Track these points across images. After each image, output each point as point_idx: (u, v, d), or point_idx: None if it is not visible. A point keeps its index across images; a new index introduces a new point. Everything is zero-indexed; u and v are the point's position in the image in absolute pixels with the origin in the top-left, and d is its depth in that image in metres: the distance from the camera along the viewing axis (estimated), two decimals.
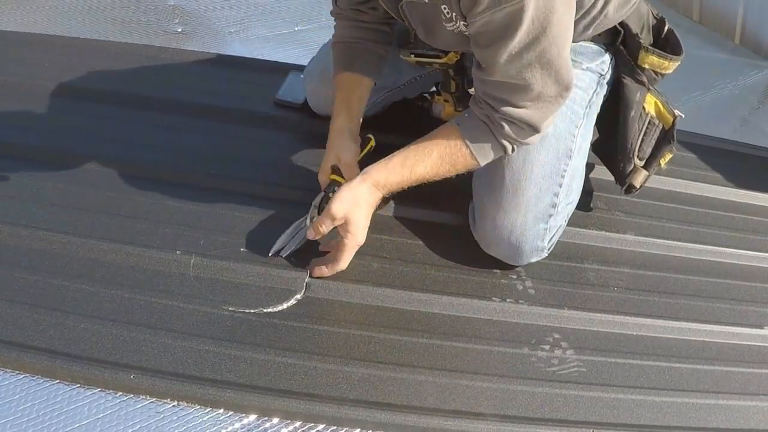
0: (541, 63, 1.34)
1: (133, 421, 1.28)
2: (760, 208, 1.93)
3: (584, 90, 1.61)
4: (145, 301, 1.46)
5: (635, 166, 1.68)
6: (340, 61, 1.66)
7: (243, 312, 1.46)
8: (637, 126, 1.65)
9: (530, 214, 1.55)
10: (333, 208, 1.46)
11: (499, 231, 1.57)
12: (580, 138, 1.60)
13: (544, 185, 1.55)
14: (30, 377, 1.33)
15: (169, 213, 1.65)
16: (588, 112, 1.62)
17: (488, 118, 1.43)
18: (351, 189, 1.48)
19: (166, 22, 2.50)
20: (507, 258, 1.61)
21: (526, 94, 1.39)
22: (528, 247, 1.57)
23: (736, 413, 1.42)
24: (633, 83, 1.63)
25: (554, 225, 1.60)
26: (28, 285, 1.47)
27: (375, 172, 1.48)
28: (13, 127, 1.88)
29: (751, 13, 2.63)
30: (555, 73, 1.36)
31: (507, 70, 1.36)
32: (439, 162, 1.47)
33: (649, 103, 1.66)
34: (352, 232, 1.48)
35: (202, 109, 1.98)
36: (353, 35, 1.65)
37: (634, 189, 1.70)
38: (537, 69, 1.35)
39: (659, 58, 1.61)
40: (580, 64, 1.61)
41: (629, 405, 1.39)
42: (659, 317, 1.57)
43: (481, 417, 1.34)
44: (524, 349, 1.47)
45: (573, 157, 1.58)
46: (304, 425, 1.31)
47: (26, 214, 1.62)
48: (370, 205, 1.50)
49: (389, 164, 1.49)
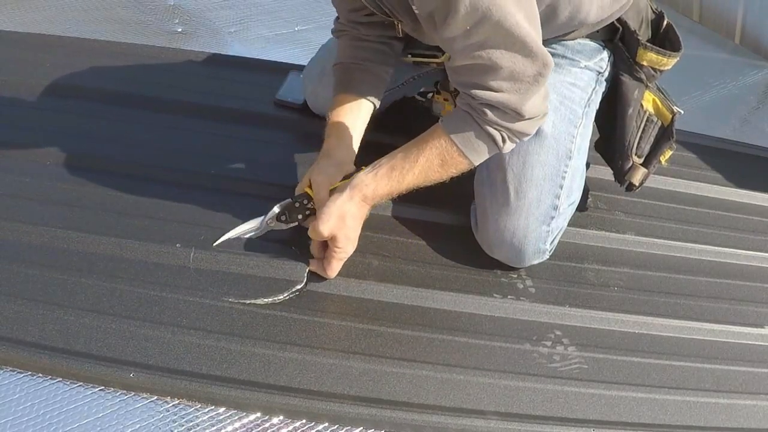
0: (500, 38, 1.27)
1: (132, 421, 1.28)
2: (760, 208, 1.93)
3: (582, 89, 1.61)
4: (144, 294, 1.46)
5: (634, 163, 1.67)
6: (339, 83, 1.63)
7: (243, 303, 1.46)
8: (635, 123, 1.64)
9: (532, 217, 1.55)
10: (319, 228, 1.44)
11: (501, 234, 1.56)
12: (580, 138, 1.60)
13: (545, 187, 1.55)
14: (30, 376, 1.33)
15: (169, 211, 1.65)
16: (587, 111, 1.61)
17: (469, 107, 1.38)
18: (337, 206, 1.44)
19: (166, 22, 2.50)
20: (509, 260, 1.61)
21: (497, 74, 1.31)
22: (530, 249, 1.57)
23: (737, 412, 1.41)
24: (631, 80, 1.62)
25: (556, 227, 1.60)
26: (27, 280, 1.46)
27: (363, 186, 1.45)
28: (12, 127, 1.88)
29: (751, 13, 2.64)
30: (521, 48, 1.28)
31: (467, 48, 1.30)
32: (427, 166, 1.42)
33: (647, 101, 1.64)
34: (340, 247, 1.47)
35: (202, 109, 1.98)
36: (353, 56, 1.63)
37: (633, 187, 1.69)
38: (498, 44, 1.28)
39: (658, 55, 1.60)
40: (578, 62, 1.60)
41: (630, 403, 1.39)
42: (660, 316, 1.57)
43: (482, 414, 1.34)
44: (526, 346, 1.47)
45: (573, 158, 1.58)
46: (305, 425, 1.31)
47: (27, 211, 1.62)
48: (358, 219, 1.48)
49: (377, 175, 1.45)
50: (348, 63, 1.63)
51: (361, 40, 1.63)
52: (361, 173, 1.47)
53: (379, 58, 1.63)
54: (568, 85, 1.59)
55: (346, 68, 1.63)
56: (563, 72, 1.59)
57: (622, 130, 1.64)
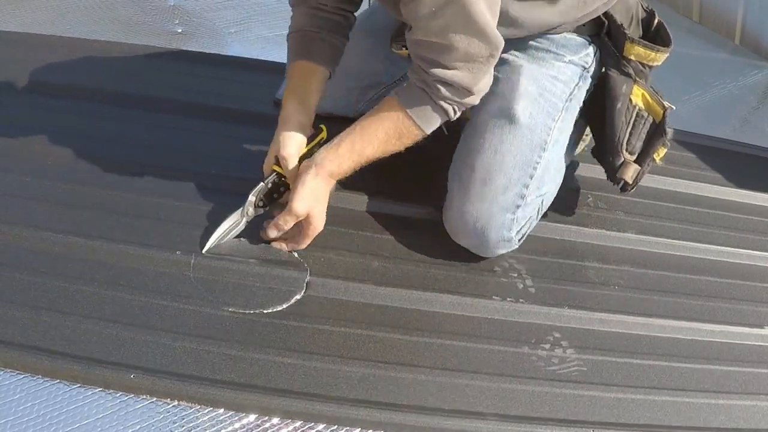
0: (462, 22, 1.36)
1: (132, 422, 1.28)
2: (760, 208, 1.93)
3: (565, 83, 1.61)
4: (145, 302, 1.46)
5: (625, 160, 1.66)
6: (296, 50, 1.64)
7: (243, 312, 1.46)
8: (624, 118, 1.64)
9: (496, 204, 1.55)
10: (295, 208, 1.50)
11: (465, 219, 1.57)
12: (557, 131, 1.60)
13: (514, 175, 1.55)
14: (30, 377, 1.33)
15: (169, 212, 1.65)
16: (568, 106, 1.61)
17: (424, 83, 1.45)
18: (308, 185, 1.50)
19: (166, 22, 2.50)
20: (474, 248, 1.61)
21: (453, 54, 1.40)
22: (494, 236, 1.57)
23: (737, 413, 1.41)
24: (618, 75, 1.62)
25: (522, 216, 1.59)
26: (28, 286, 1.46)
27: (327, 163, 1.51)
28: (12, 127, 1.88)
29: (751, 13, 2.64)
30: (479, 33, 1.38)
31: (429, 27, 1.38)
32: (386, 139, 1.50)
33: (636, 95, 1.64)
34: (314, 225, 1.53)
35: (202, 109, 1.98)
36: (310, 24, 1.63)
37: (627, 186, 1.67)
38: (459, 28, 1.37)
39: (645, 49, 1.60)
40: (562, 56, 1.61)
41: (629, 404, 1.39)
42: (660, 316, 1.57)
43: (481, 416, 1.34)
44: (524, 348, 1.47)
45: (548, 150, 1.58)
46: (304, 425, 1.31)
47: (27, 214, 1.61)
48: (327, 195, 1.54)
49: (339, 151, 1.51)
50: (305, 31, 1.63)
51: (318, 9, 1.63)
52: (323, 150, 1.52)
53: (335, 28, 1.65)
54: (550, 78, 1.60)
55: (303, 36, 1.64)
56: (546, 65, 1.60)
57: (612, 125, 1.64)
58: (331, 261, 1.58)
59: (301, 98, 1.61)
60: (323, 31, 1.63)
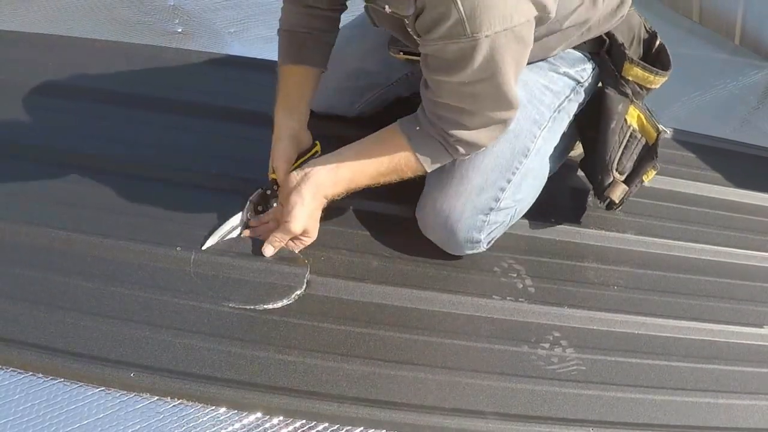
0: (493, 95, 1.38)
1: (133, 421, 1.28)
2: (760, 208, 1.93)
3: (555, 94, 1.60)
4: (145, 297, 1.46)
5: (614, 179, 1.65)
6: (287, 52, 1.64)
7: (243, 308, 1.46)
8: (618, 138, 1.63)
9: (470, 204, 1.55)
10: (292, 228, 1.50)
11: (437, 214, 1.57)
12: (542, 140, 1.60)
13: (491, 177, 1.55)
14: (30, 376, 1.33)
15: (170, 211, 1.65)
16: (556, 117, 1.61)
17: (443, 139, 1.46)
18: (305, 206, 1.49)
19: (166, 22, 2.50)
20: (442, 243, 1.61)
21: (476, 120, 1.42)
22: (463, 236, 1.57)
23: (736, 412, 1.42)
24: (616, 94, 1.61)
25: (494, 220, 1.59)
26: (28, 282, 1.47)
27: (324, 188, 1.51)
28: (13, 127, 1.88)
29: (751, 13, 2.63)
30: (506, 103, 1.40)
31: (455, 93, 1.38)
32: (386, 173, 1.51)
33: (631, 116, 1.64)
34: (310, 236, 1.55)
35: (202, 109, 1.98)
36: (301, 24, 1.63)
37: (614, 205, 1.67)
38: (488, 100, 1.38)
39: (644, 71, 1.59)
40: (558, 67, 1.60)
41: (629, 403, 1.40)
42: (659, 316, 1.57)
43: (481, 415, 1.34)
44: (524, 347, 1.47)
45: (529, 157, 1.58)
46: (305, 425, 1.31)
47: (26, 211, 1.62)
48: (320, 212, 1.54)
49: (337, 176, 1.51)
50: (296, 32, 1.63)
51: (309, 7, 1.62)
52: (322, 170, 1.51)
53: (328, 26, 1.64)
54: (541, 86, 1.59)
55: (294, 36, 1.63)
56: (540, 74, 1.60)
57: (604, 143, 1.63)
58: (331, 260, 1.59)
59: (293, 105, 1.63)
60: (315, 31, 1.63)
